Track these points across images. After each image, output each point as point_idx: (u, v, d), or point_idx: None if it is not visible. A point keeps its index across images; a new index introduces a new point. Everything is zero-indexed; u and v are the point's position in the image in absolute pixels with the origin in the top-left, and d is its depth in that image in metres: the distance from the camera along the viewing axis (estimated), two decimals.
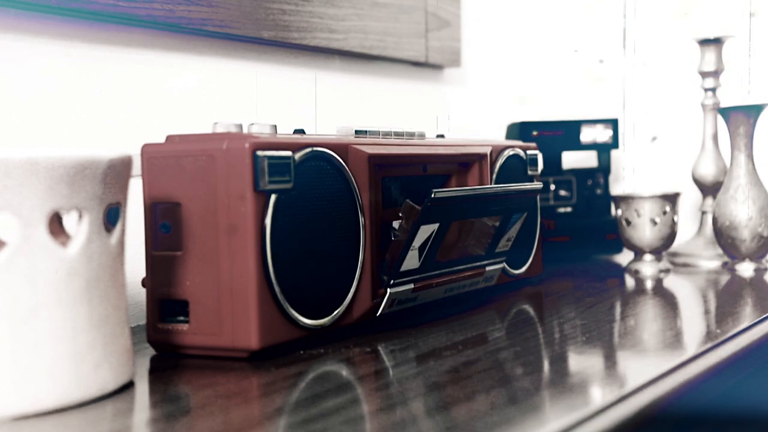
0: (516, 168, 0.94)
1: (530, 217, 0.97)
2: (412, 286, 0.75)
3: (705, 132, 1.20)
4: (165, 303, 0.65)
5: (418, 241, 0.72)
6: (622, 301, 0.91)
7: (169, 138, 0.65)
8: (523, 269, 0.94)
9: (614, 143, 1.25)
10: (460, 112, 1.30)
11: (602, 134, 1.25)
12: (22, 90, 0.77)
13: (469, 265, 0.83)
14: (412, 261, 0.73)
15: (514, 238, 0.87)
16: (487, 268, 0.85)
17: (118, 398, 0.55)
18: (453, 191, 0.75)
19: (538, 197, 0.98)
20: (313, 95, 1.07)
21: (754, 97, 1.32)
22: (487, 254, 0.84)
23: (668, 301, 0.91)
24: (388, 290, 0.73)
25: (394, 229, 0.75)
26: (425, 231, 0.72)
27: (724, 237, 1.05)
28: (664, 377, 0.58)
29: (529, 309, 0.86)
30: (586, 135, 1.25)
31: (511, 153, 0.93)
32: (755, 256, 1.05)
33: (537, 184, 0.87)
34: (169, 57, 0.89)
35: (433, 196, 0.70)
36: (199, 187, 0.63)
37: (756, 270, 1.04)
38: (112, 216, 0.56)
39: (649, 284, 1.00)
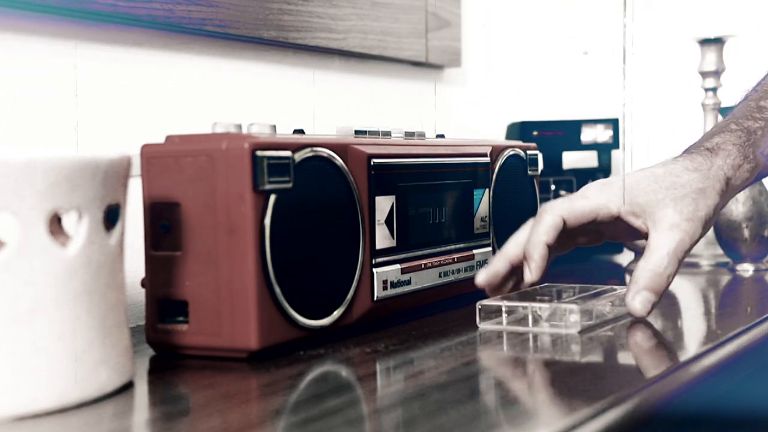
0: (516, 168, 0.94)
1: (530, 216, 0.97)
2: (398, 266, 0.75)
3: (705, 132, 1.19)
4: (164, 303, 0.65)
5: (380, 215, 0.73)
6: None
7: (168, 138, 0.65)
8: None
9: (614, 143, 1.25)
10: (460, 112, 1.30)
11: (602, 134, 1.25)
12: (22, 90, 0.77)
13: (453, 247, 0.83)
14: (386, 239, 0.74)
15: (490, 220, 0.88)
16: (475, 252, 0.86)
17: (118, 399, 0.55)
18: (392, 156, 0.76)
19: (538, 196, 0.98)
20: (313, 95, 1.06)
21: None
22: (466, 235, 0.85)
23: (668, 302, 0.91)
24: (374, 270, 0.73)
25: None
26: (384, 203, 0.74)
27: (724, 237, 1.05)
28: (665, 377, 0.58)
29: None
30: (587, 135, 1.25)
31: (511, 153, 0.93)
32: (756, 257, 1.05)
33: (483, 152, 0.87)
34: (169, 57, 0.89)
35: (372, 163, 0.72)
36: (199, 188, 0.63)
37: (756, 270, 1.04)
38: (111, 216, 0.56)
39: None
